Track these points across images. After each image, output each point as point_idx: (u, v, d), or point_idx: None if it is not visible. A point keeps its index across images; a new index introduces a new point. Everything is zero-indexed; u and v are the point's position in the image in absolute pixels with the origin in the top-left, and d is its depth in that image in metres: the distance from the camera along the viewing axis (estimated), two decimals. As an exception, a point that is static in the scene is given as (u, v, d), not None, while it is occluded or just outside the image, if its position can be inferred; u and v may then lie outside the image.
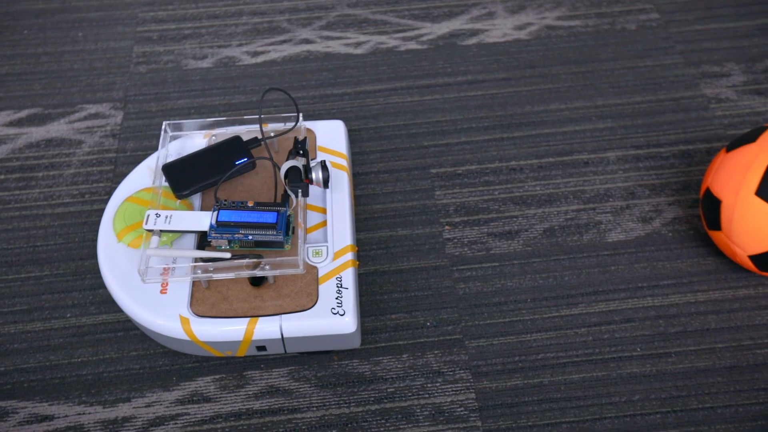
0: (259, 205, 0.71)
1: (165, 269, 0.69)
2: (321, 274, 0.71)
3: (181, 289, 0.70)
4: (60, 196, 0.89)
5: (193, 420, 0.71)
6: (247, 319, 0.68)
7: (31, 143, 0.95)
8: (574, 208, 0.86)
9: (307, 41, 1.07)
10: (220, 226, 0.70)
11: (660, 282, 0.79)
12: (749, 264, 0.74)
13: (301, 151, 0.76)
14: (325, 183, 0.74)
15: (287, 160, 0.75)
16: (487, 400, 0.71)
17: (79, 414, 0.71)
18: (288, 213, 0.71)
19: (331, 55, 1.05)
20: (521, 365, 0.73)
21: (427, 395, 0.72)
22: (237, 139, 0.79)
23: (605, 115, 0.96)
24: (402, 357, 0.74)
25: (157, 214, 0.71)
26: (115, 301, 0.72)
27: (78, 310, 0.78)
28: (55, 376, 0.74)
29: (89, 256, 0.83)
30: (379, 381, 0.73)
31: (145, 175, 0.80)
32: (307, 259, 0.71)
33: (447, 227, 0.84)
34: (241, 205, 0.71)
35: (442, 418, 0.70)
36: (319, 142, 0.83)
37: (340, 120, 0.85)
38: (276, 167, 0.76)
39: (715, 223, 0.75)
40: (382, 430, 0.70)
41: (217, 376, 0.73)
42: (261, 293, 0.69)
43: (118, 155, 0.93)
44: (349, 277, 0.71)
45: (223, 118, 0.82)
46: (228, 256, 0.69)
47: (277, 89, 0.78)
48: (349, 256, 0.72)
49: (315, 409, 0.71)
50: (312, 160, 0.79)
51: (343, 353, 0.75)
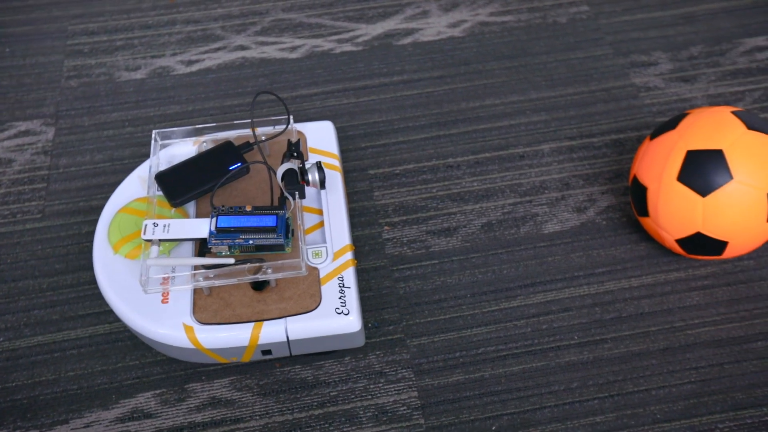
0: (257, 209, 0.71)
1: (165, 279, 0.69)
2: (322, 274, 0.71)
3: (182, 297, 0.70)
4: (-9, 217, 0.87)
5: (135, 437, 0.70)
6: (252, 323, 0.68)
7: (-41, 164, 0.92)
8: (510, 202, 0.87)
9: (242, 48, 1.06)
10: (219, 232, 0.69)
11: (595, 270, 0.81)
12: (677, 248, 0.76)
13: (295, 153, 0.76)
14: (322, 184, 0.74)
15: (282, 162, 0.75)
16: (429, 397, 0.72)
17: (18, 439, 0.70)
18: (287, 215, 0.71)
19: (267, 60, 1.04)
20: (462, 360, 0.74)
21: (369, 396, 0.72)
22: (229, 144, 0.79)
23: (539, 108, 0.97)
24: (344, 360, 0.74)
25: (154, 224, 0.70)
26: (115, 312, 0.72)
27: (12, 333, 0.77)
28: (-9, 402, 0.72)
29: (22, 277, 0.81)
30: (322, 385, 0.73)
31: (135, 185, 0.79)
32: (307, 260, 0.71)
33: (386, 228, 0.85)
34: (239, 210, 0.71)
35: (385, 418, 0.70)
36: (310, 144, 0.83)
37: (329, 121, 0.87)
38: (271, 171, 0.76)
39: (644, 210, 0.77)
40: (327, 434, 0.70)
41: (157, 391, 0.72)
42: (264, 297, 0.69)
43: (50, 172, 0.91)
44: (350, 276, 0.71)
45: (213, 124, 0.81)
46: (232, 261, 0.69)
47: (267, 92, 0.77)
48: (348, 256, 0.73)
49: (258, 417, 0.71)
50: (305, 161, 0.79)
51: (284, 360, 0.75)
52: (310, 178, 0.74)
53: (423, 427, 0.70)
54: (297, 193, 0.72)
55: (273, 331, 0.68)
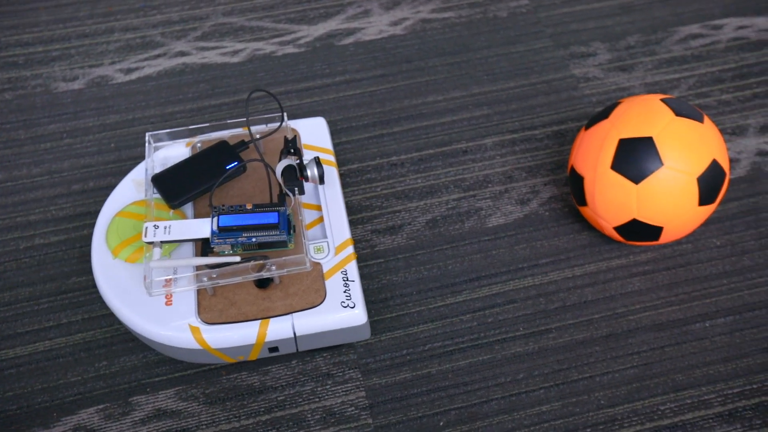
0: (258, 207, 0.71)
1: (167, 281, 0.69)
2: (325, 269, 0.71)
3: (186, 298, 0.69)
4: (-74, 237, 0.85)
5: (80, 454, 0.69)
6: (258, 321, 0.68)
7: None
8: (455, 197, 0.88)
9: (183, 54, 1.05)
10: (222, 231, 0.69)
11: (539, 261, 0.82)
12: (616, 235, 0.77)
13: (292, 150, 0.75)
14: (321, 179, 0.74)
15: (280, 159, 0.75)
16: (377, 396, 0.72)
17: (-42, 464, 0.68)
18: (288, 212, 0.71)
19: (208, 65, 1.03)
20: (409, 358, 0.74)
21: (317, 399, 0.72)
22: (224, 143, 0.79)
23: (481, 103, 0.98)
24: (291, 364, 0.74)
25: (155, 226, 0.70)
26: (117, 317, 0.71)
27: (-52, 356, 0.75)
28: (-71, 428, 0.70)
29: (-41, 298, 0.79)
30: (269, 390, 0.72)
31: (130, 189, 0.78)
32: (309, 256, 0.71)
33: None
34: (239, 209, 0.71)
35: (333, 420, 0.70)
36: (304, 140, 0.83)
37: (321, 117, 0.87)
38: (269, 168, 0.75)
39: (582, 199, 0.78)
40: (275, 439, 0.70)
41: (100, 406, 0.71)
42: (268, 294, 0.69)
43: (-14, 189, 0.89)
44: (353, 269, 0.71)
45: (206, 125, 0.81)
46: (237, 259, 0.68)
47: (260, 90, 0.77)
48: (350, 250, 0.73)
49: (205, 426, 0.70)
50: (302, 157, 0.78)
51: (231, 367, 0.74)
52: (309, 173, 0.74)
53: (371, 427, 0.70)
54: (296, 189, 0.72)
55: (280, 328, 0.68)
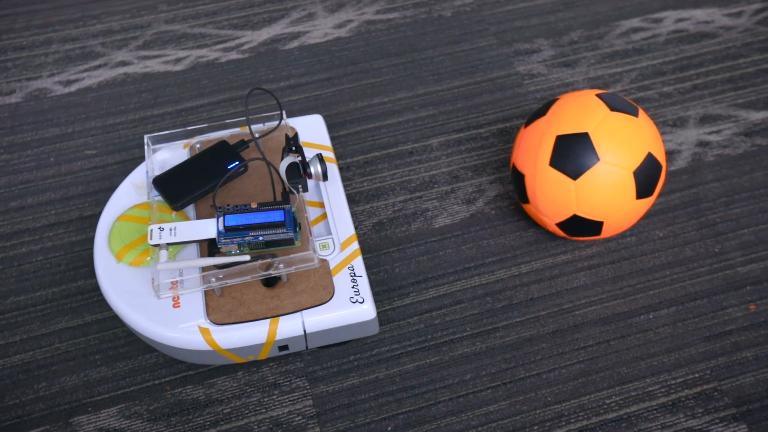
0: (263, 206, 0.71)
1: (173, 283, 0.68)
2: (332, 265, 0.71)
3: (194, 300, 0.69)
4: None
5: (21, 479, 0.67)
6: (268, 320, 0.67)
7: None
8: (401, 199, 0.88)
9: (124, 63, 1.03)
10: (228, 231, 0.68)
11: (486, 260, 0.82)
12: (559, 231, 0.78)
13: (294, 148, 0.75)
14: (324, 176, 0.74)
15: (282, 157, 0.74)
16: (324, 404, 0.71)
17: None
18: (293, 209, 0.71)
19: (150, 74, 1.02)
20: (356, 363, 0.74)
21: (264, 410, 0.71)
22: (224, 143, 0.78)
23: (427, 103, 0.98)
24: (237, 375, 0.73)
25: (160, 228, 0.69)
26: (124, 321, 0.70)
27: None
28: None
29: None
30: (215, 403, 0.71)
31: (130, 193, 0.78)
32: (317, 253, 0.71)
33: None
34: (244, 208, 0.70)
35: (280, 431, 0.70)
36: (303, 138, 0.83)
37: (318, 114, 0.87)
38: (271, 167, 0.74)
39: (524, 197, 0.78)
40: (223, 453, 0.69)
41: (39, 429, 0.70)
42: (277, 293, 0.69)
43: None
44: (359, 265, 0.71)
45: (204, 125, 0.80)
46: (247, 258, 0.68)
47: (260, 89, 0.77)
48: (355, 245, 0.73)
49: (149, 444, 0.69)
50: (297, 156, 0.77)
51: (176, 381, 0.73)
52: (313, 170, 0.74)
53: (319, 436, 0.69)
54: (300, 186, 0.72)
55: (290, 326, 0.68)
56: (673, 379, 0.72)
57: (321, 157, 0.74)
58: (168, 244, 0.69)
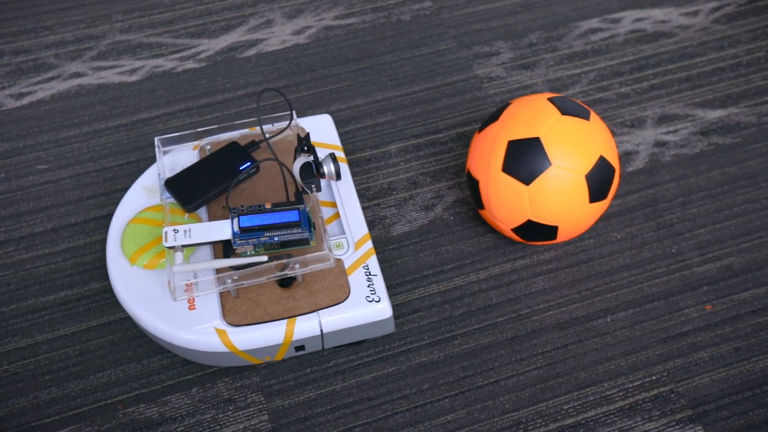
0: (277, 206, 0.70)
1: (188, 285, 0.68)
2: (347, 265, 0.71)
3: (209, 302, 0.68)
4: None
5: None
6: (285, 320, 0.67)
7: None
8: (359, 207, 0.87)
9: (78, 75, 1.01)
10: (244, 232, 0.68)
11: (444, 267, 0.81)
12: (516, 237, 0.77)
13: (306, 147, 0.74)
14: (338, 175, 0.73)
15: (295, 157, 0.74)
16: (280, 419, 0.70)
17: None
18: (307, 209, 0.71)
19: (105, 86, 1.00)
20: (313, 376, 0.73)
21: (218, 427, 0.70)
22: (235, 144, 0.78)
23: (385, 109, 0.97)
24: (191, 392, 0.72)
25: (174, 230, 0.68)
26: (139, 324, 0.70)
27: None
28: None
29: None
30: (168, 422, 0.70)
31: (140, 196, 0.77)
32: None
33: None
34: (259, 209, 0.70)
35: (235, 448, 0.69)
36: (312, 138, 0.82)
37: (327, 114, 0.86)
38: (283, 167, 0.74)
39: (480, 203, 0.77)
40: (177, 472, 0.67)
41: (-12, 455, 0.68)
42: (292, 293, 0.69)
43: None
44: (374, 264, 0.71)
45: (215, 126, 0.80)
46: (265, 258, 0.68)
47: (272, 89, 0.76)
48: (369, 245, 0.73)
49: (101, 466, 0.68)
50: (308, 156, 0.76)
51: (128, 400, 0.71)
52: (326, 170, 0.73)
53: (275, 451, 0.68)
54: (314, 186, 0.72)
55: (307, 326, 0.67)
56: (631, 383, 0.72)
57: (334, 157, 0.74)
58: (183, 246, 0.69)
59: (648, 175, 0.88)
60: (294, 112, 0.80)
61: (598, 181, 0.72)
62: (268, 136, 0.79)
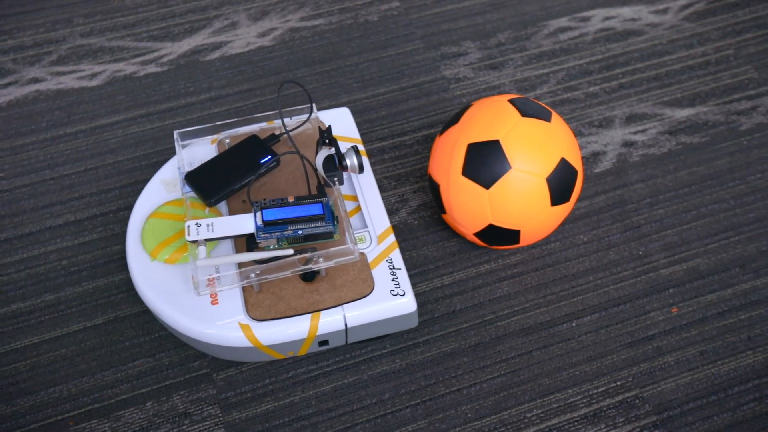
0: (300, 199, 0.70)
1: (210, 280, 0.67)
2: (370, 259, 0.70)
3: (232, 296, 0.68)
4: None
5: None
6: (309, 315, 0.67)
7: None
8: (322, 213, 0.85)
9: (36, 80, 0.99)
10: (267, 226, 0.67)
11: (408, 273, 0.80)
12: (478, 241, 0.76)
13: (327, 140, 0.73)
14: (360, 168, 0.72)
15: (317, 150, 0.73)
16: (236, 432, 0.69)
17: None
18: (330, 203, 0.70)
19: (64, 91, 0.98)
20: (272, 387, 0.71)
21: (173, 442, 0.68)
22: (254, 138, 0.78)
23: (351, 112, 0.95)
24: (145, 406, 0.70)
25: (197, 224, 0.67)
26: (161, 319, 0.69)
27: None
28: None
29: None
30: (121, 438, 0.68)
31: (159, 190, 0.77)
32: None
33: None
34: (281, 202, 0.69)
35: (189, 463, 0.67)
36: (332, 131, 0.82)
37: (346, 107, 0.86)
38: (304, 160, 0.73)
39: (441, 207, 0.76)
40: (131, 489, 0.66)
41: (-67, 475, 0.66)
42: (316, 287, 0.68)
43: None
44: (398, 257, 0.71)
45: (234, 120, 0.79)
46: (290, 252, 0.67)
47: (292, 82, 0.77)
48: (392, 238, 0.72)
49: (51, 485, 0.66)
50: (330, 149, 0.75)
51: (80, 416, 0.69)
52: (349, 162, 0.72)
53: (231, 466, 0.67)
54: (336, 179, 0.71)
55: (331, 320, 0.67)
56: (595, 389, 0.70)
57: (357, 150, 0.73)
58: (205, 240, 0.68)
59: (616, 175, 0.87)
60: (314, 105, 0.80)
61: (560, 183, 0.71)
62: (286, 129, 0.78)
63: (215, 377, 0.72)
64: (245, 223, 0.68)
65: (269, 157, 0.76)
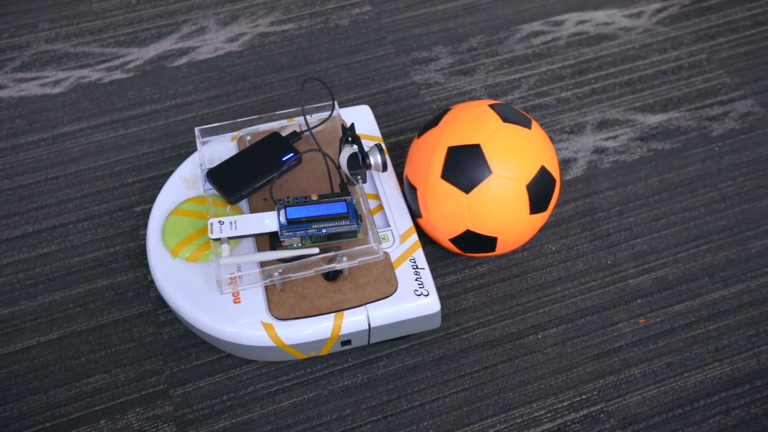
0: (323, 198, 0.69)
1: (232, 278, 0.67)
2: (393, 258, 0.70)
3: (254, 295, 0.67)
4: None
5: None
6: (333, 314, 0.66)
7: None
8: (287, 222, 0.83)
9: (-1, 87, 0.97)
10: (291, 224, 0.67)
11: (372, 283, 0.78)
12: (453, 247, 0.74)
13: (350, 138, 0.72)
14: (384, 166, 0.72)
15: (341, 149, 0.72)
16: (192, 450, 0.67)
17: None
18: (354, 201, 0.69)
19: (26, 99, 0.96)
20: (230, 404, 0.69)
21: (126, 461, 0.66)
22: (276, 135, 0.77)
23: (319, 119, 0.94)
24: (99, 424, 0.68)
25: (220, 222, 0.67)
26: (182, 317, 0.69)
27: None
28: None
29: None
30: (73, 457, 0.66)
31: (179, 187, 0.76)
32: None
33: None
34: (305, 200, 0.69)
35: (142, 483, 0.65)
36: None
37: (366, 105, 0.86)
38: (327, 158, 0.73)
39: (417, 211, 0.74)
40: None
41: None
42: (339, 287, 0.68)
43: None
44: (421, 257, 0.70)
45: (254, 117, 0.79)
46: (316, 251, 0.66)
47: (314, 78, 0.76)
48: (414, 237, 0.72)
49: (-1, 507, 0.64)
50: (352, 146, 0.74)
51: (32, 435, 0.68)
52: (372, 161, 0.71)
53: (185, 485, 0.65)
54: (360, 177, 0.70)
55: (355, 320, 0.66)
56: (560, 403, 0.69)
57: (381, 148, 0.72)
58: (229, 238, 0.67)
59: (586, 183, 0.86)
60: (336, 103, 0.79)
61: (539, 191, 0.69)
62: (309, 126, 0.78)
63: (172, 393, 0.70)
64: (269, 221, 0.68)
65: (292, 154, 0.75)
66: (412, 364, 0.72)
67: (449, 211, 0.71)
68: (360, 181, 0.71)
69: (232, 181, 0.73)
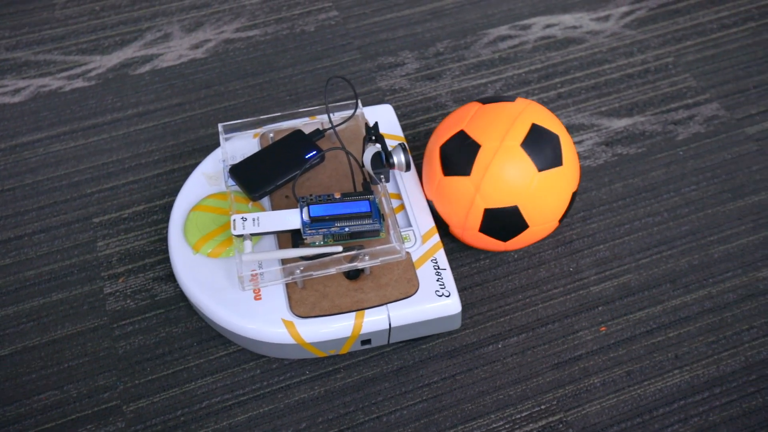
0: (346, 196, 0.69)
1: (253, 275, 0.66)
2: (415, 258, 0.70)
3: (276, 292, 0.68)
4: None
5: None
6: (353, 313, 0.66)
7: None
8: (247, 232, 0.82)
9: (-43, 97, 0.96)
10: (314, 222, 0.67)
11: (332, 293, 0.77)
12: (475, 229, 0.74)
13: (373, 137, 0.72)
14: (408, 165, 0.72)
15: (364, 147, 0.72)
16: (144, 467, 0.65)
17: None
18: (377, 200, 0.68)
19: (-15, 108, 0.94)
20: (183, 419, 0.68)
21: (76, 479, 0.65)
22: (299, 133, 0.77)
23: (282, 126, 0.92)
24: (49, 442, 0.67)
25: (243, 218, 0.67)
26: (203, 313, 0.70)
27: None
28: None
29: None
30: (21, 476, 0.65)
31: (201, 183, 0.76)
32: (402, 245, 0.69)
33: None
34: (328, 198, 0.69)
35: (92, 502, 0.64)
36: None
37: (388, 104, 0.86)
38: (350, 156, 0.72)
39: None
40: None
41: None
42: (360, 286, 0.68)
43: None
44: (442, 257, 0.70)
45: (278, 114, 0.79)
46: (340, 249, 0.66)
47: (338, 77, 0.76)
48: (436, 238, 0.72)
49: None
50: (375, 145, 0.73)
51: (-20, 454, 0.66)
52: (396, 160, 0.71)
53: (136, 504, 0.64)
54: (383, 176, 0.70)
55: (375, 319, 0.66)
56: (519, 413, 0.68)
57: (405, 147, 0.71)
58: (251, 234, 0.66)
59: (549, 189, 0.85)
60: (359, 101, 0.79)
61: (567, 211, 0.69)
62: (328, 125, 0.77)
63: (125, 409, 0.69)
64: (291, 218, 0.67)
65: (315, 152, 0.75)
66: (371, 376, 0.71)
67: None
68: (383, 180, 0.70)
69: (255, 178, 0.73)
